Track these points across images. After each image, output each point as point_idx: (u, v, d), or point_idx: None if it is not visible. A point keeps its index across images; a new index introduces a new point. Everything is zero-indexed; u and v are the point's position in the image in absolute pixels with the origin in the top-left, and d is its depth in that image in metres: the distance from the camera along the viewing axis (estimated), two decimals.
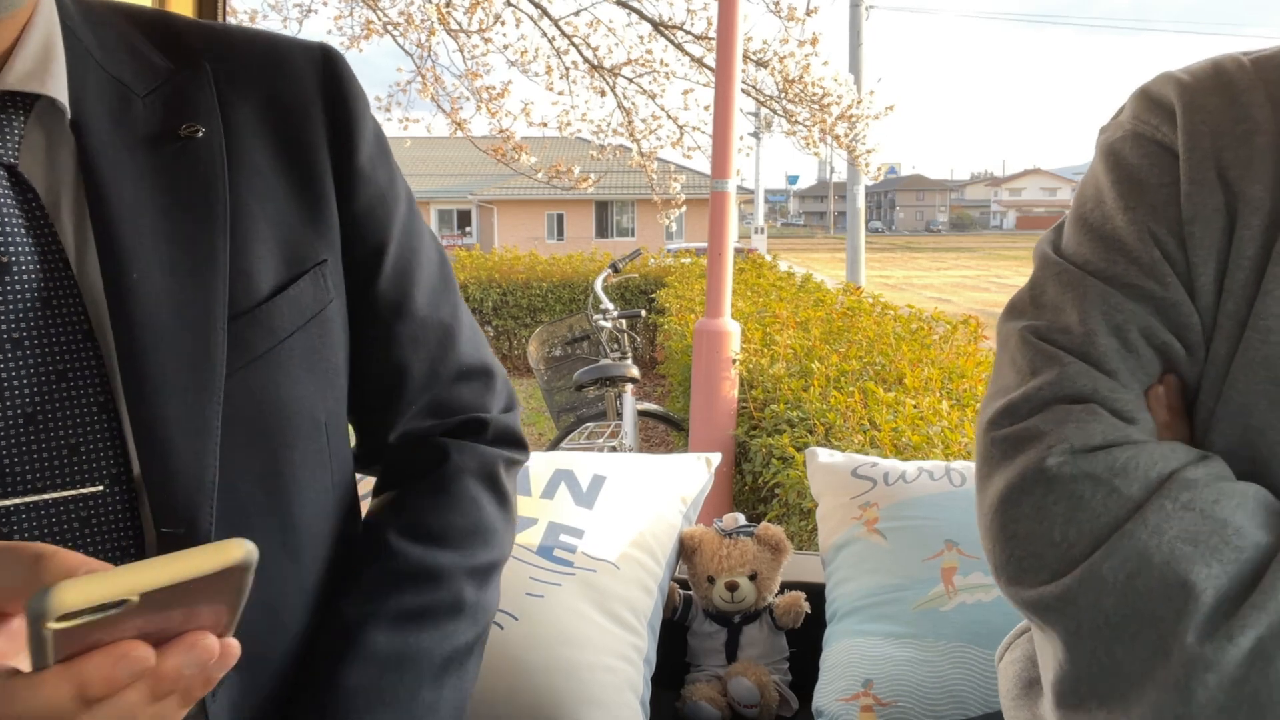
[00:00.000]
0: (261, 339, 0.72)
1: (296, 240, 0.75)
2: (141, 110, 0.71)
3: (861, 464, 1.46)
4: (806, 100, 6.59)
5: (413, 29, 5.89)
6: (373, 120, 0.82)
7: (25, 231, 0.64)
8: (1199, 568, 0.56)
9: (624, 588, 1.29)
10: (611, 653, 1.22)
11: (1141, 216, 0.65)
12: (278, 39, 0.80)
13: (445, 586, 0.81)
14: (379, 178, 0.81)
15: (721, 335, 4.33)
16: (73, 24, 0.71)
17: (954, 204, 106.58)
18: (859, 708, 1.19)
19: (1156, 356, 0.64)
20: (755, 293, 7.08)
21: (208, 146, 0.72)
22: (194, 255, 0.69)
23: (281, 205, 0.75)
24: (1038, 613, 0.62)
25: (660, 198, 7.39)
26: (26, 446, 0.63)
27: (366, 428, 0.89)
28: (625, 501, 1.37)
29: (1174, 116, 0.65)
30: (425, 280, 0.85)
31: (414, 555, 0.81)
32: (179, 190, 0.70)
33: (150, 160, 0.70)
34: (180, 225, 0.69)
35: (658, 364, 8.01)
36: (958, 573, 1.26)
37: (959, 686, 1.17)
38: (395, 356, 0.85)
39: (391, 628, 0.78)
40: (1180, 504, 0.58)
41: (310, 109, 0.77)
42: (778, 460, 3.18)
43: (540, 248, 12.63)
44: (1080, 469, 0.61)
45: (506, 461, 0.91)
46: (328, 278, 0.77)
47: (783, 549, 1.43)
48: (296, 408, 0.75)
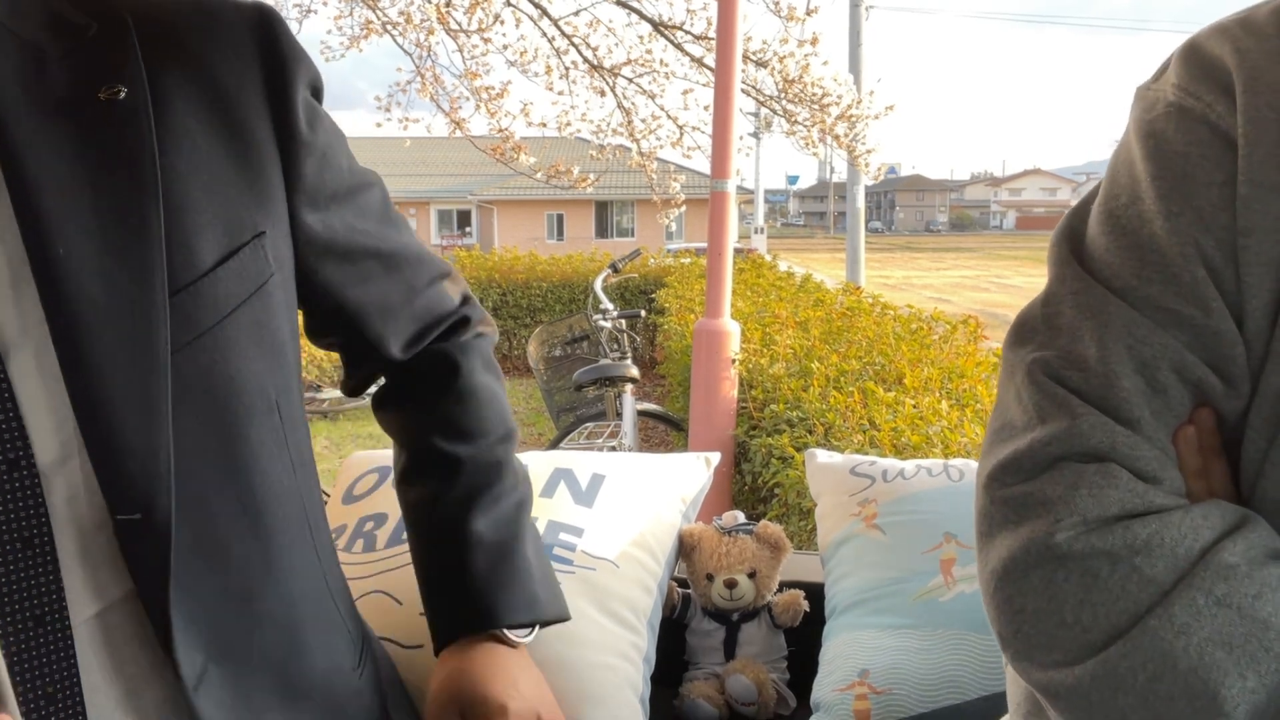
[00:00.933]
0: (206, 313, 0.69)
1: (235, 210, 0.72)
2: (58, 73, 0.66)
3: (860, 463, 1.46)
4: (806, 100, 6.59)
5: (412, 29, 5.89)
6: (312, 72, 0.79)
7: None
8: (1233, 679, 0.48)
9: (624, 586, 1.29)
10: (611, 651, 1.22)
11: (1186, 225, 0.53)
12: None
13: (500, 468, 0.96)
14: (317, 138, 0.79)
15: (721, 335, 4.33)
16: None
17: (954, 204, 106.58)
18: (854, 697, 1.19)
19: (1188, 393, 0.54)
20: (755, 293, 7.08)
21: (131, 109, 0.67)
22: (125, 226, 0.65)
23: (218, 172, 0.71)
24: (1048, 697, 0.55)
25: (660, 198, 7.39)
26: None
27: (359, 357, 0.94)
28: (625, 500, 1.38)
29: (1232, 92, 0.53)
30: (374, 220, 0.87)
31: (481, 460, 0.95)
32: (104, 157, 0.66)
33: (69, 126, 0.65)
34: (108, 194, 0.65)
35: (657, 364, 8.01)
36: (957, 564, 1.26)
37: (956, 671, 1.17)
38: (371, 299, 0.88)
39: (482, 512, 0.93)
40: (1214, 599, 0.49)
41: (245, 72, 0.73)
42: (777, 460, 3.18)
43: (540, 248, 12.62)
44: (1094, 546, 0.52)
45: (490, 342, 1.01)
46: (267, 250, 0.74)
47: (782, 547, 1.43)
48: (248, 385, 0.72)
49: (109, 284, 0.64)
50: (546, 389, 5.84)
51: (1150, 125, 0.56)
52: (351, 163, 0.86)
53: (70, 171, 0.64)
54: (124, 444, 0.64)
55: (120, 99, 0.67)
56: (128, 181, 0.66)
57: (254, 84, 0.73)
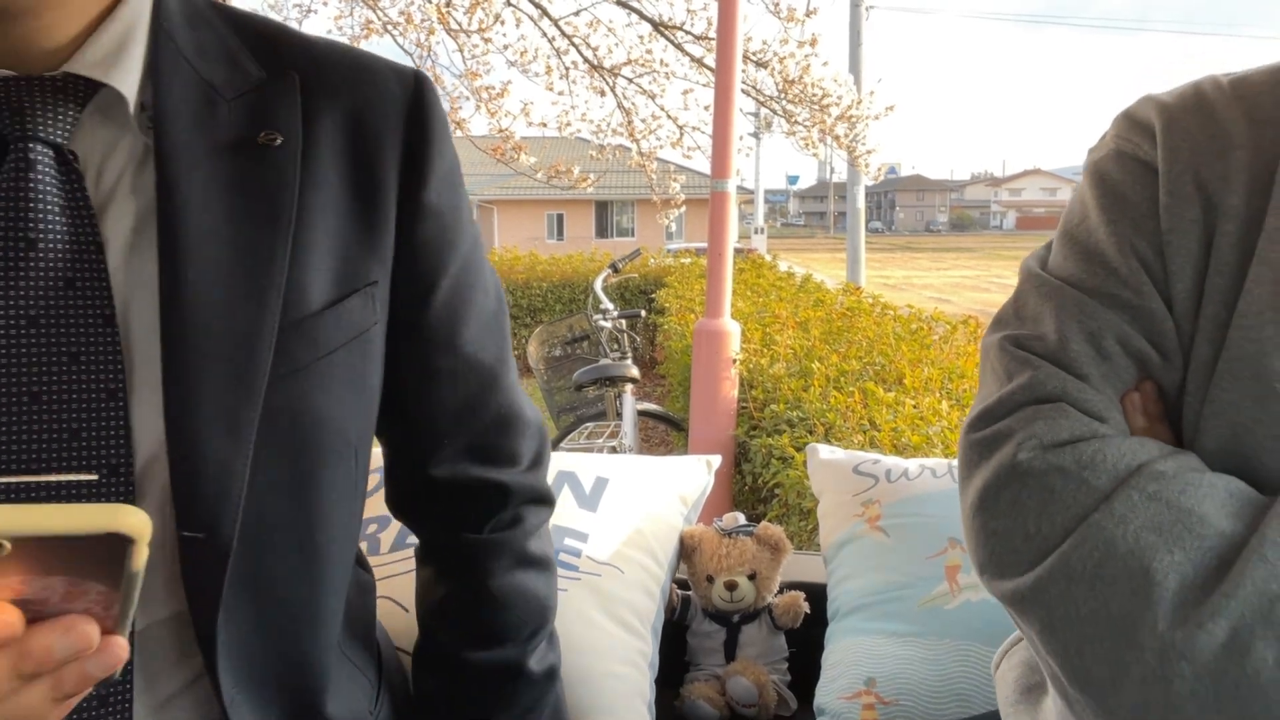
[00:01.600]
0: (306, 351, 0.71)
1: (352, 257, 0.75)
2: (226, 114, 0.72)
3: (863, 461, 1.46)
4: (806, 101, 6.59)
5: (412, 29, 5.89)
6: (451, 155, 0.82)
7: (60, 211, 0.65)
8: (1162, 555, 0.57)
9: (628, 592, 1.28)
10: (620, 659, 1.22)
11: (1123, 230, 0.68)
12: (374, 59, 0.80)
13: (518, 677, 0.90)
14: (444, 213, 0.81)
15: (721, 335, 4.33)
16: (171, 24, 0.72)
17: (954, 204, 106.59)
18: (861, 706, 1.19)
19: (1132, 363, 0.66)
20: (755, 293, 7.08)
21: (283, 155, 0.72)
22: (254, 259, 0.69)
23: (343, 221, 0.75)
24: (1015, 605, 0.64)
25: (660, 198, 7.39)
26: (27, 426, 0.63)
27: (401, 465, 0.89)
28: (628, 504, 1.37)
29: (1154, 135, 0.69)
30: (475, 320, 0.85)
31: (482, 659, 0.89)
32: (249, 196, 0.70)
33: (226, 164, 0.70)
34: (244, 230, 0.70)
35: (658, 364, 8.01)
36: (962, 570, 1.26)
37: (963, 685, 1.17)
38: (433, 390, 0.84)
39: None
40: (1147, 494, 0.60)
41: (389, 132, 0.77)
42: (777, 460, 3.18)
43: (540, 248, 12.62)
44: (1050, 463, 0.63)
45: (534, 529, 0.92)
46: (376, 299, 0.77)
47: (782, 549, 1.43)
48: (332, 425, 0.74)
49: (226, 309, 0.68)
50: (546, 389, 5.84)
51: (1096, 165, 0.72)
52: (473, 255, 0.86)
53: (218, 203, 0.69)
54: (203, 461, 0.66)
55: (275, 145, 0.72)
56: (265, 220, 0.70)
57: (395, 146, 0.77)
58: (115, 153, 0.68)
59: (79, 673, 0.45)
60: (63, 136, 0.65)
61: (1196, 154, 0.66)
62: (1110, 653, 0.58)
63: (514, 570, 0.90)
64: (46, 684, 0.45)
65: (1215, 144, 0.66)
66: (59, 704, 0.46)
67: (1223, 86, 0.69)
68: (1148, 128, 0.70)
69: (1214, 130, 0.67)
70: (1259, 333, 0.61)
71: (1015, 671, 0.83)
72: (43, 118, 0.65)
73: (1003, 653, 0.88)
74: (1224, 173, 0.65)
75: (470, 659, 0.88)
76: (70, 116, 0.66)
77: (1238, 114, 0.67)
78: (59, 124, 0.65)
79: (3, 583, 0.42)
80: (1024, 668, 0.82)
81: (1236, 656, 0.54)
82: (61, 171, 0.65)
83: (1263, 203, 0.64)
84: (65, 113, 0.66)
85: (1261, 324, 0.61)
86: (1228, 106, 0.67)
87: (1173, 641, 0.55)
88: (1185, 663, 0.55)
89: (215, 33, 0.75)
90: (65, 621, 0.44)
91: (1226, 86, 0.69)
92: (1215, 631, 0.55)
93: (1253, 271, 0.62)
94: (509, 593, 0.89)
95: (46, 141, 0.65)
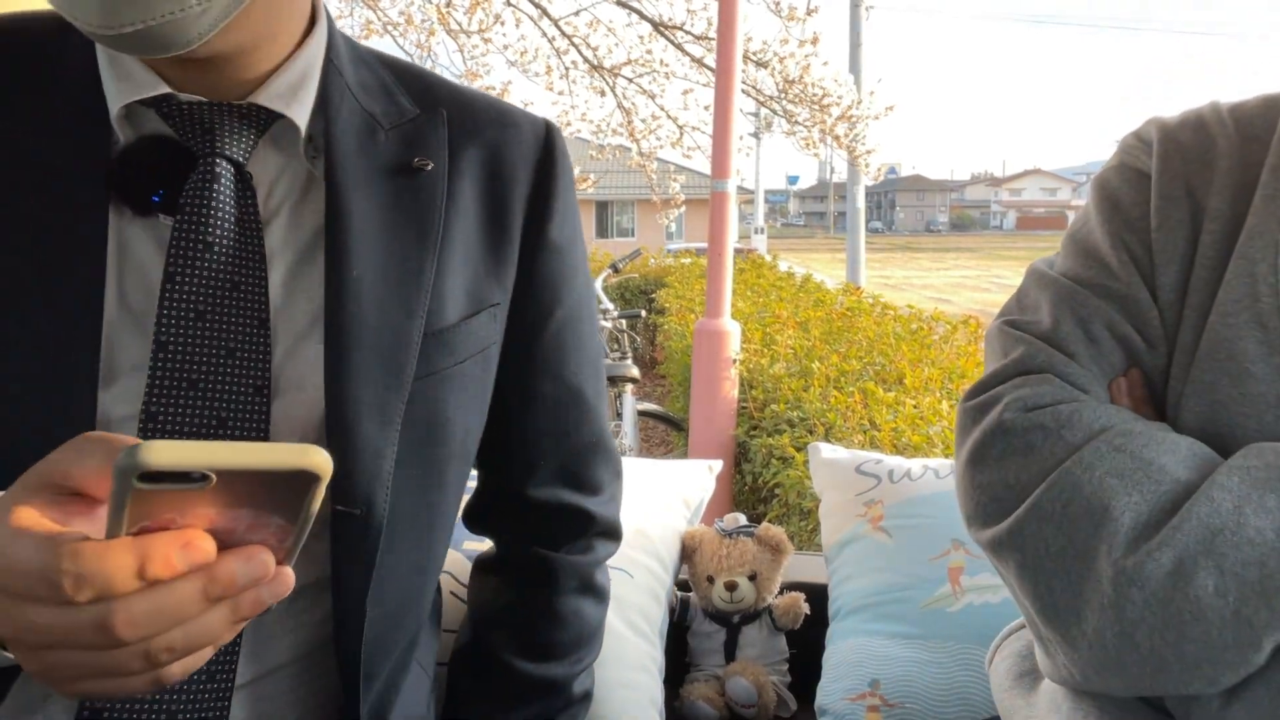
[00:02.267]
0: (443, 357, 0.79)
1: (481, 278, 0.83)
2: (384, 141, 0.80)
3: (865, 460, 1.45)
4: (806, 100, 6.59)
5: (412, 29, 5.89)
6: (572, 200, 0.90)
7: (234, 221, 0.72)
8: (1121, 497, 0.64)
9: (638, 596, 1.29)
10: (634, 666, 1.22)
11: (1116, 228, 0.75)
12: (510, 107, 0.89)
13: (559, 694, 0.95)
14: (564, 249, 0.88)
15: (721, 335, 4.33)
16: (339, 62, 0.80)
17: (954, 204, 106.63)
18: (865, 708, 1.19)
19: (1118, 347, 0.72)
20: (755, 293, 7.07)
21: (433, 179, 0.80)
22: (406, 269, 0.77)
23: (477, 245, 0.82)
24: (995, 550, 0.70)
25: (660, 198, 7.39)
26: (181, 408, 0.68)
27: (495, 482, 0.96)
28: (633, 507, 1.37)
29: (1151, 145, 0.76)
30: (581, 353, 0.92)
31: (530, 670, 0.93)
32: (403, 212, 0.78)
33: (384, 183, 0.78)
34: (398, 242, 0.77)
35: (658, 364, 8.00)
36: (964, 572, 1.25)
37: (968, 689, 1.17)
38: (534, 414, 0.91)
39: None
40: (1113, 446, 0.66)
41: (521, 170, 0.86)
42: (778, 460, 3.18)
43: None
44: (1032, 420, 0.69)
45: (601, 559, 0.99)
46: (499, 319, 0.85)
47: (783, 550, 1.43)
48: (457, 427, 0.81)
49: (381, 310, 0.75)
50: None
51: (1101, 177, 0.80)
52: (586, 293, 0.93)
53: (377, 218, 0.77)
54: (360, 443, 0.73)
55: (427, 169, 0.80)
56: (416, 235, 0.78)
57: (525, 184, 0.86)
58: (284, 176, 0.76)
59: (255, 598, 0.48)
60: (243, 156, 0.73)
61: (1188, 163, 0.73)
62: (1074, 584, 0.64)
63: (579, 594, 0.96)
64: (228, 607, 0.48)
65: (1205, 155, 0.73)
66: (234, 626, 0.49)
67: (1221, 110, 0.76)
68: (1148, 142, 0.77)
69: (1206, 144, 0.74)
70: (1236, 319, 0.67)
71: (1008, 662, 0.86)
72: (228, 139, 0.72)
73: (995, 647, 0.90)
74: (1211, 179, 0.72)
75: (519, 668, 0.93)
76: (250, 140, 0.73)
77: (1230, 131, 0.73)
78: (241, 145, 0.73)
79: (203, 512, 0.46)
80: (1016, 658, 0.85)
81: (1181, 584, 0.60)
82: (239, 187, 0.72)
83: (1244, 206, 0.70)
84: (247, 136, 0.73)
85: (1239, 311, 0.67)
86: (1221, 125, 0.74)
87: (1124, 569, 0.61)
88: (1135, 588, 0.61)
89: (374, 72, 0.84)
90: (248, 550, 0.48)
91: (1224, 111, 0.76)
92: (1162, 560, 0.60)
93: (1232, 266, 0.69)
94: (570, 613, 0.95)
95: (229, 159, 0.72)
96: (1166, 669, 0.61)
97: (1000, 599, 1.22)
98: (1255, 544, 0.59)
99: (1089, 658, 0.64)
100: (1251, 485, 0.61)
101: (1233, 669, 0.60)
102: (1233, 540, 0.59)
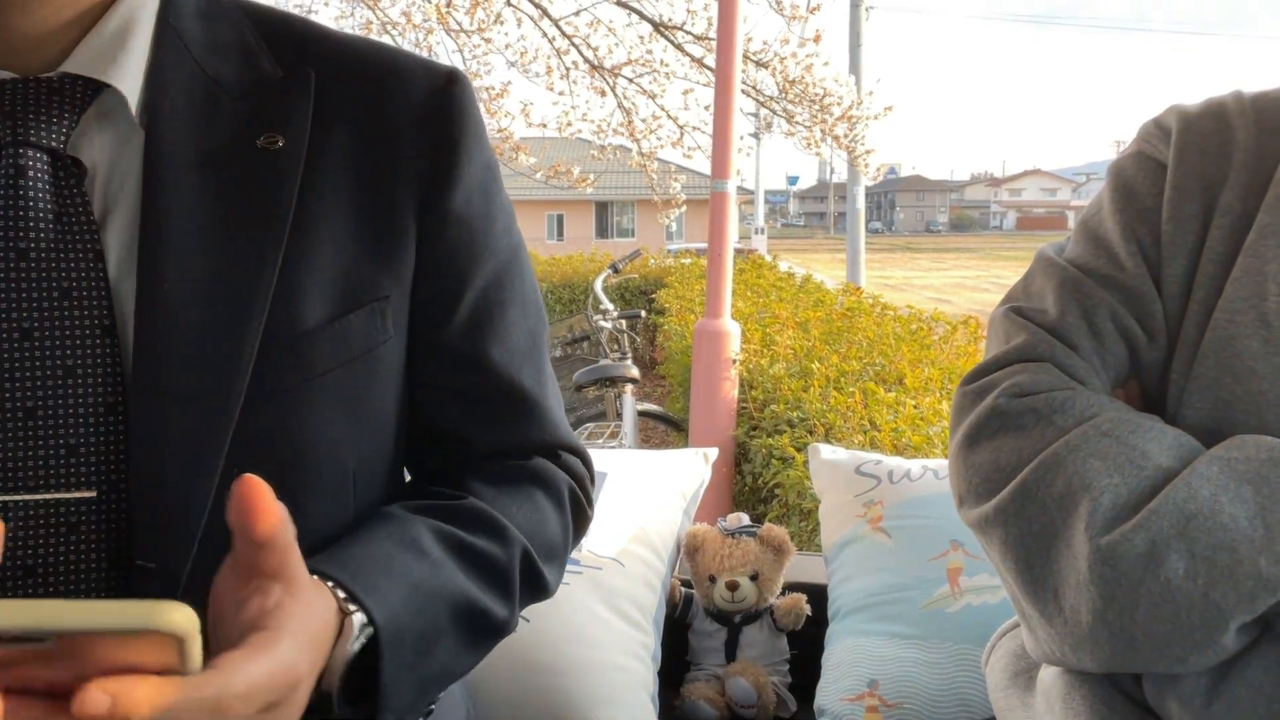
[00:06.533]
0: (292, 371, 0.66)
1: (359, 270, 0.69)
2: (227, 114, 0.67)
3: (865, 461, 1.45)
4: (807, 100, 6.59)
5: (412, 29, 5.89)
6: (484, 160, 0.75)
7: (54, 219, 0.62)
8: (1102, 477, 0.65)
9: (630, 585, 1.29)
10: (623, 651, 1.22)
11: (1128, 218, 0.74)
12: (403, 57, 0.74)
13: (504, 547, 0.72)
14: (473, 221, 0.74)
15: (721, 335, 4.33)
16: (178, 16, 0.68)
17: (954, 204, 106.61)
18: (864, 708, 1.19)
19: (1121, 339, 0.73)
20: (755, 293, 7.07)
21: (285, 160, 0.67)
22: (239, 272, 0.65)
23: (351, 231, 0.69)
24: (981, 528, 0.71)
25: (660, 198, 7.39)
26: (24, 443, 0.60)
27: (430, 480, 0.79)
28: (627, 498, 1.38)
29: (1170, 135, 0.75)
30: (505, 338, 0.76)
31: (481, 505, 0.72)
32: (241, 203, 0.66)
33: (221, 166, 0.66)
34: (233, 239, 0.65)
35: (658, 364, 8.00)
36: (963, 573, 1.26)
37: (966, 690, 1.17)
38: (459, 413, 0.76)
39: (436, 538, 0.68)
40: (1100, 431, 0.67)
41: (410, 134, 0.71)
42: (778, 461, 3.17)
43: (540, 248, 12.64)
44: (1026, 405, 0.70)
45: (573, 495, 0.79)
46: (387, 315, 0.70)
47: (785, 551, 1.43)
48: (318, 451, 0.68)
49: (201, 326, 0.63)
50: None
51: (1117, 164, 0.80)
52: (509, 270, 0.77)
53: (206, 210, 0.65)
54: (161, 488, 0.62)
55: (275, 148, 0.67)
56: (256, 230, 0.65)
57: (419, 149, 0.71)
58: (123, 158, 0.65)
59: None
60: (59, 141, 0.62)
61: (1205, 155, 0.73)
62: (1053, 561, 0.66)
63: (545, 496, 0.77)
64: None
65: (1224, 148, 0.72)
66: None
67: (1243, 100, 0.75)
68: (1167, 131, 0.76)
69: (1224, 135, 0.73)
70: (1242, 316, 0.68)
71: (1003, 661, 0.87)
72: (36, 122, 0.62)
73: (991, 646, 0.91)
74: (1226, 173, 0.71)
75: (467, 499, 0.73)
76: (68, 120, 0.63)
77: (1249, 123, 0.73)
78: (56, 128, 0.62)
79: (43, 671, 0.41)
80: (1011, 656, 0.86)
81: (1153, 566, 0.61)
82: (56, 177, 0.62)
83: (1257, 202, 0.70)
84: (63, 116, 0.62)
85: (1245, 309, 0.67)
86: (1241, 116, 0.73)
87: (1099, 548, 0.63)
88: (1109, 568, 0.62)
89: (233, 27, 0.71)
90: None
91: (1247, 100, 0.75)
92: (1136, 542, 0.62)
93: (1241, 263, 0.69)
94: (534, 500, 0.76)
95: (41, 147, 0.62)
96: (1137, 647, 0.62)
97: (999, 599, 1.22)
98: (1228, 530, 0.60)
99: (1065, 634, 0.66)
100: (1230, 475, 0.62)
101: (1200, 650, 0.61)
102: (1206, 526, 0.61)
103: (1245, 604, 0.60)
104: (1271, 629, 0.62)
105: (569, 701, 1.16)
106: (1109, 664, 0.65)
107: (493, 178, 0.77)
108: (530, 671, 1.17)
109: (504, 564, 0.71)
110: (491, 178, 0.76)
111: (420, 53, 5.95)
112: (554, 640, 1.02)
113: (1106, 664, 0.65)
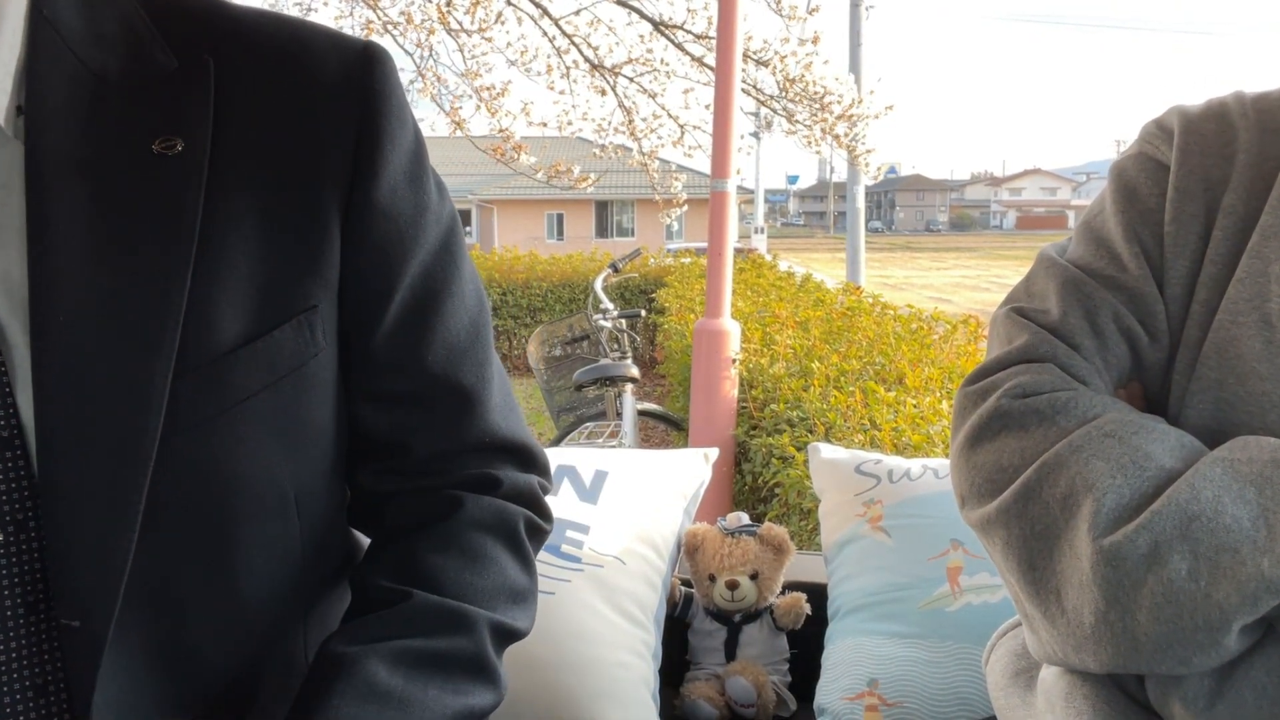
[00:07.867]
0: (214, 399, 0.60)
1: (283, 280, 0.63)
2: (116, 114, 0.60)
3: (865, 460, 1.46)
4: (807, 99, 6.59)
5: (413, 28, 5.89)
6: (408, 144, 0.68)
7: None
8: (1105, 478, 0.64)
9: (630, 583, 1.30)
10: (624, 648, 1.23)
11: (1130, 219, 0.74)
12: (313, 33, 0.67)
13: (469, 635, 0.67)
14: (400, 213, 0.67)
15: (721, 335, 4.33)
16: (53, 6, 0.60)
17: (954, 204, 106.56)
18: (864, 707, 1.19)
19: (1123, 340, 0.73)
20: (755, 293, 7.07)
21: (183, 167, 0.60)
22: (142, 297, 0.58)
23: (267, 238, 0.62)
24: (984, 528, 0.71)
25: (661, 197, 7.39)
26: None
27: (366, 496, 0.74)
28: (628, 497, 1.38)
29: (1172, 136, 0.75)
30: (443, 335, 0.70)
31: (432, 599, 0.67)
32: (140, 217, 0.59)
33: (112, 176, 0.59)
34: (132, 260, 0.58)
35: (658, 364, 8.01)
36: (963, 572, 1.26)
37: (965, 689, 1.18)
38: (396, 421, 0.70)
39: (395, 665, 0.63)
40: (1104, 432, 0.67)
41: (328, 121, 0.64)
42: (778, 460, 3.18)
43: (540, 247, 12.62)
44: (1029, 406, 0.70)
45: (527, 522, 0.74)
46: (316, 327, 0.64)
47: (785, 550, 1.43)
48: (252, 479, 0.63)
49: (105, 360, 0.57)
50: (546, 389, 5.84)
51: (1119, 165, 0.79)
52: (440, 262, 0.70)
53: (99, 229, 0.58)
54: (76, 542, 0.57)
55: (174, 154, 0.60)
56: (158, 248, 0.59)
57: (337, 138, 0.64)
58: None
59: None
60: None
61: (1207, 156, 0.73)
62: (1055, 562, 0.65)
63: (497, 542, 0.72)
64: None
65: (1226, 149, 0.72)
66: None
67: (1245, 101, 0.75)
68: (1169, 132, 0.76)
69: (1226, 136, 0.73)
70: (1245, 317, 0.68)
71: (1003, 660, 0.87)
72: None
73: (991, 645, 0.91)
74: (1229, 174, 0.71)
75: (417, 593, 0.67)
76: None
77: (1251, 123, 0.73)
78: None
79: None
80: (1011, 656, 0.86)
81: (1155, 567, 0.61)
82: None
83: (1260, 203, 0.70)
84: None
85: (1248, 310, 0.67)
86: (1243, 116, 0.73)
87: (1102, 549, 0.62)
88: (1111, 568, 0.62)
89: (118, 14, 0.63)
90: None
91: (1248, 101, 0.75)
92: (1139, 542, 0.61)
93: (1244, 264, 0.69)
94: (483, 558, 0.70)
95: None
96: (1139, 648, 0.62)
97: (999, 599, 1.22)
98: (1230, 531, 0.60)
99: (1067, 634, 0.66)
100: (1234, 477, 0.62)
101: (1203, 651, 0.61)
102: (1209, 527, 0.61)
103: (1248, 605, 0.60)
104: (1274, 630, 0.62)
105: (571, 698, 1.17)
106: (1111, 665, 0.65)
107: (418, 160, 0.70)
108: (532, 668, 1.18)
109: (474, 652, 0.67)
110: (416, 161, 0.69)
111: (421, 53, 5.92)
112: (555, 636, 1.03)
113: (1109, 665, 0.65)
